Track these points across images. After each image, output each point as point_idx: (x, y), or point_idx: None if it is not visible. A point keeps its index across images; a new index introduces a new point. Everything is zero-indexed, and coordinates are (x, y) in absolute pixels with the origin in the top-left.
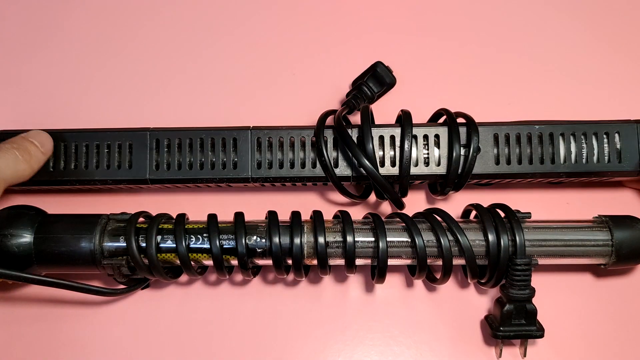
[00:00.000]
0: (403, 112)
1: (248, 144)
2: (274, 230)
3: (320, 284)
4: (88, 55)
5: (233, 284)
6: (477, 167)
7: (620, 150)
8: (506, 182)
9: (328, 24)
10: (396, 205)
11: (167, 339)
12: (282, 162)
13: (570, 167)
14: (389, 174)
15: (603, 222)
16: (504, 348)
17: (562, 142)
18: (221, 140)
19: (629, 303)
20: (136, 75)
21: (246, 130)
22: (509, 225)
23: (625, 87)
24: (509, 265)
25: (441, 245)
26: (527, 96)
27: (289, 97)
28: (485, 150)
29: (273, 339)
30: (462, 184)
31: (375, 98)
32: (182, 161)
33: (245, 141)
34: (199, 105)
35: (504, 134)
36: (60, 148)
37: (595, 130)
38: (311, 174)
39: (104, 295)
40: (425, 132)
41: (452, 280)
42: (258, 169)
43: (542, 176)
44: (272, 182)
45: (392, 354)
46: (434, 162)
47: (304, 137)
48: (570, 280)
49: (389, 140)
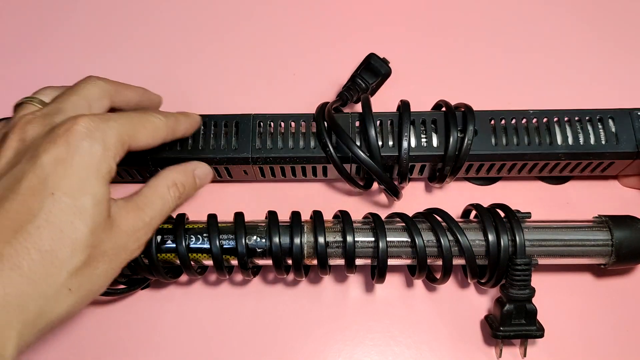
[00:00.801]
0: (402, 101)
1: (249, 128)
2: (274, 230)
3: (320, 284)
4: (88, 49)
5: (233, 284)
6: (475, 147)
7: (616, 134)
8: (506, 171)
9: (326, 19)
10: (393, 194)
11: (167, 339)
12: (282, 143)
13: (568, 147)
14: (389, 154)
15: (603, 222)
16: (504, 348)
17: (558, 127)
18: (223, 123)
19: (629, 303)
20: (148, 75)
21: (248, 116)
22: (509, 225)
23: (624, 86)
24: (509, 265)
25: (441, 245)
26: (524, 89)
27: (288, 94)
28: (483, 133)
29: (273, 339)
30: (461, 164)
31: (371, 89)
32: (184, 142)
33: (247, 125)
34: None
35: (500, 118)
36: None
37: (589, 116)
38: (310, 154)
39: (104, 295)
40: (424, 117)
41: (452, 280)
42: (258, 149)
43: (540, 157)
44: (272, 164)
45: (392, 354)
46: (433, 145)
47: (304, 121)
48: (570, 280)
49: (388, 124)
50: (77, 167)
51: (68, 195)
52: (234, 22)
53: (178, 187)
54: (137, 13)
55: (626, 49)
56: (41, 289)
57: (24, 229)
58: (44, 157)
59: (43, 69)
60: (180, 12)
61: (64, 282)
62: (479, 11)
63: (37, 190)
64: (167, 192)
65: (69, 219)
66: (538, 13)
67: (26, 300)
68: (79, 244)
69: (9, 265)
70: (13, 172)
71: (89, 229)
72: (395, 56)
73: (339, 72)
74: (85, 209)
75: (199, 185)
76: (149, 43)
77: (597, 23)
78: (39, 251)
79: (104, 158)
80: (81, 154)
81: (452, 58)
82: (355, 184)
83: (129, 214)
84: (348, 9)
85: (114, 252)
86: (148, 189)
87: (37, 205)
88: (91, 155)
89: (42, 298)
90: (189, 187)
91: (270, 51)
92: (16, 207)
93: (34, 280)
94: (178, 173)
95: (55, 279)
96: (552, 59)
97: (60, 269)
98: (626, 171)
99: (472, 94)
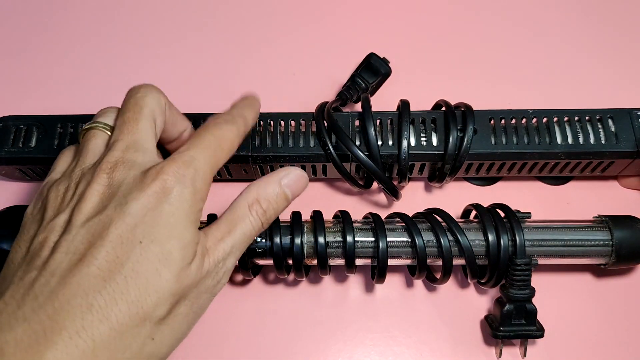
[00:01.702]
0: (402, 101)
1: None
2: (274, 230)
3: (320, 284)
4: (88, 49)
5: (233, 284)
6: (474, 147)
7: (615, 133)
8: (506, 170)
9: (326, 19)
10: (392, 194)
11: None
12: (282, 142)
13: (567, 147)
14: (389, 153)
15: (603, 222)
16: (504, 348)
17: (558, 127)
18: None
19: (629, 303)
20: (149, 72)
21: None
22: (509, 225)
23: (624, 86)
24: (509, 265)
25: (441, 245)
26: (524, 89)
27: (288, 94)
28: (483, 132)
29: (273, 339)
30: (461, 163)
31: (371, 89)
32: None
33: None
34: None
35: (499, 117)
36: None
37: (589, 116)
38: (310, 153)
39: None
40: (424, 117)
41: (452, 280)
42: (258, 148)
43: (540, 157)
44: (271, 163)
45: (392, 354)
46: (432, 144)
47: (304, 120)
48: (570, 280)
49: (388, 124)
50: (166, 215)
51: (155, 243)
52: (234, 21)
53: (262, 204)
54: (136, 12)
55: (626, 49)
56: (127, 342)
57: (112, 279)
58: (133, 205)
59: (43, 68)
60: (180, 11)
61: (148, 332)
62: (479, 11)
63: (125, 239)
64: (248, 212)
65: (155, 267)
66: (538, 13)
67: (114, 354)
68: (163, 293)
69: (98, 317)
70: (101, 219)
71: (174, 277)
72: (395, 56)
73: (339, 71)
74: (172, 254)
75: (292, 194)
76: (149, 43)
77: (597, 23)
78: (126, 302)
79: (193, 202)
80: (170, 202)
81: (452, 58)
82: (355, 184)
83: (209, 249)
84: (348, 9)
85: (194, 294)
86: (228, 212)
87: (125, 254)
88: (181, 202)
89: (128, 351)
90: (277, 200)
91: (270, 51)
92: (104, 255)
93: (121, 333)
94: (260, 187)
95: (140, 330)
96: (552, 58)
97: (145, 319)
98: (626, 171)
99: (472, 94)
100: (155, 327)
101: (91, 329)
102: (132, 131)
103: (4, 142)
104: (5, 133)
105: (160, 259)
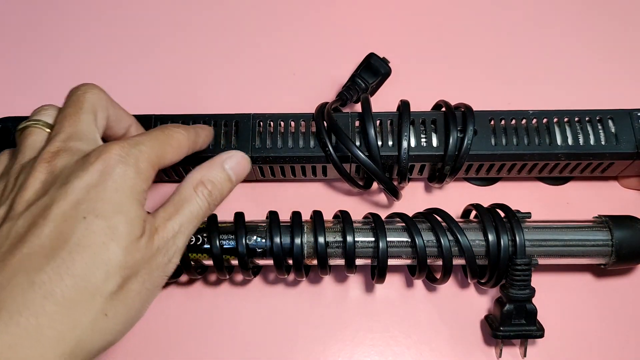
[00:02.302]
0: (402, 101)
1: (249, 127)
2: (274, 230)
3: (320, 284)
4: (86, 49)
5: (233, 284)
6: (474, 147)
7: (615, 134)
8: (506, 171)
9: (326, 19)
10: (392, 194)
11: (166, 339)
12: (282, 143)
13: (567, 147)
14: (389, 154)
15: (603, 222)
16: (504, 348)
17: (558, 127)
18: (223, 123)
19: (629, 303)
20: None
21: (248, 115)
22: (509, 225)
23: (624, 86)
24: (509, 265)
25: (441, 245)
26: (524, 89)
27: (288, 94)
28: (483, 133)
29: (273, 339)
30: (461, 164)
31: (371, 89)
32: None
33: (246, 125)
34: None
35: (499, 118)
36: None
37: (589, 117)
38: (310, 153)
39: None
40: (424, 117)
41: (452, 280)
42: (258, 149)
43: (540, 157)
44: (271, 163)
45: (392, 354)
46: (432, 144)
47: (304, 120)
48: (570, 280)
49: (388, 124)
50: (110, 191)
51: (100, 218)
52: (234, 21)
53: (206, 185)
54: (136, 12)
55: (626, 49)
56: (76, 317)
57: (56, 255)
58: (75, 182)
59: (44, 69)
60: (180, 11)
61: (100, 307)
62: (479, 11)
63: (68, 215)
64: (194, 193)
65: (102, 241)
66: (538, 13)
67: (62, 331)
68: (112, 266)
69: (41, 293)
70: (43, 200)
71: (122, 250)
72: (395, 56)
73: (339, 72)
74: (118, 228)
75: (235, 176)
76: (149, 43)
77: (597, 23)
78: (72, 276)
79: (137, 181)
80: (114, 179)
81: (452, 58)
82: (355, 184)
83: (158, 228)
84: (348, 9)
85: (146, 270)
86: (174, 195)
87: (69, 230)
88: (124, 179)
89: (78, 327)
90: (221, 182)
91: (270, 51)
92: (47, 233)
93: (69, 308)
94: (203, 170)
95: (90, 304)
96: (552, 59)
97: (95, 293)
98: (626, 172)
99: (472, 94)
100: (108, 302)
101: (34, 306)
102: (73, 124)
103: (4, 143)
104: (5, 134)
105: (107, 232)
